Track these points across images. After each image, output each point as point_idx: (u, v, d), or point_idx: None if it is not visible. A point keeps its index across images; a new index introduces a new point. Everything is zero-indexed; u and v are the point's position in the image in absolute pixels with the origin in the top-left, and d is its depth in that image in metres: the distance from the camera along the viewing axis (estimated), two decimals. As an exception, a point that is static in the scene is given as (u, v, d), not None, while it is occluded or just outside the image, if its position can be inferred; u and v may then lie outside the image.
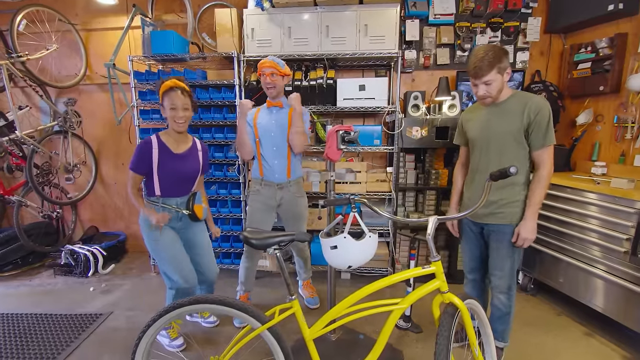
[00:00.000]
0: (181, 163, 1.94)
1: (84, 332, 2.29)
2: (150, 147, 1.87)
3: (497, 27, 2.94)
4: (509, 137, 1.67)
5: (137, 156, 1.86)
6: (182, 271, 1.95)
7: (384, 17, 2.64)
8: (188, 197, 2.00)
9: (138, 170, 1.88)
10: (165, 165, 1.88)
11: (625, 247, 2.01)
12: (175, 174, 1.92)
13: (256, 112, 2.25)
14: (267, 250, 1.33)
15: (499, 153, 1.72)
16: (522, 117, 1.64)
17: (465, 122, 1.90)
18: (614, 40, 2.48)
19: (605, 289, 2.12)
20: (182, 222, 2.03)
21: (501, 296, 1.82)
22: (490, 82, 1.62)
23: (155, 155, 1.86)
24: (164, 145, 1.90)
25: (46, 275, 3.17)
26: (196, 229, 2.09)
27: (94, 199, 3.67)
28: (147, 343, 1.39)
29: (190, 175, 1.99)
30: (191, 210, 1.98)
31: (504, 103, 1.71)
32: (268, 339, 1.35)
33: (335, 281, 2.17)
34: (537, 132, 1.63)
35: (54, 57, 3.32)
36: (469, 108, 1.95)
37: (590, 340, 2.16)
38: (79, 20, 3.35)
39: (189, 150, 1.99)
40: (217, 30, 2.85)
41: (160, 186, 1.90)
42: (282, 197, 2.28)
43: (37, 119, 3.51)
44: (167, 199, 1.94)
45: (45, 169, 3.36)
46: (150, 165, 1.86)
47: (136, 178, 1.90)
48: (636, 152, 2.40)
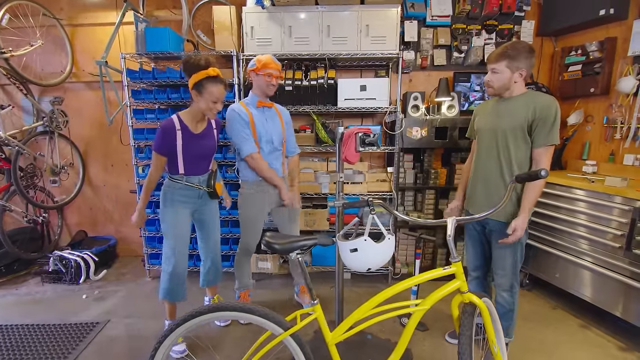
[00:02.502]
0: (201, 142, 1.97)
1: (82, 342, 2.19)
2: (174, 128, 1.86)
3: (492, 29, 3.00)
4: (513, 132, 1.69)
5: (162, 138, 1.85)
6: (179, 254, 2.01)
7: (385, 18, 2.65)
8: (209, 175, 2.06)
9: (161, 151, 1.88)
10: (188, 145, 1.91)
11: (619, 242, 2.11)
12: (196, 153, 1.95)
13: (249, 115, 2.15)
14: (289, 255, 1.31)
15: (503, 147, 1.74)
16: (527, 113, 1.65)
17: (477, 116, 1.94)
18: (604, 44, 2.59)
19: (601, 283, 2.22)
20: (202, 200, 2.08)
21: (504, 294, 1.87)
22: (497, 71, 1.66)
23: (179, 137, 1.87)
24: (185, 126, 1.90)
25: (33, 283, 3.02)
26: (211, 208, 2.16)
27: (82, 202, 3.52)
28: (164, 354, 1.34)
29: (209, 153, 2.04)
30: (213, 188, 2.05)
31: (513, 99, 1.73)
32: (291, 345, 1.34)
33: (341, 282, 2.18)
34: (541, 129, 1.64)
35: (38, 54, 3.15)
36: (482, 103, 1.99)
37: (587, 333, 2.25)
38: (64, 15, 3.19)
39: (206, 129, 2.01)
40: (215, 28, 2.78)
41: (185, 165, 1.94)
42: (277, 194, 2.27)
43: (20, 119, 3.33)
44: (190, 177, 1.98)
45: (30, 171, 3.19)
46: (174, 146, 1.88)
47: (160, 159, 1.90)
48: (625, 152, 2.51)
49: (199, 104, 1.85)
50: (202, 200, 2.08)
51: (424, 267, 3.02)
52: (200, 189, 2.02)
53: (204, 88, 1.80)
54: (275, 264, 2.98)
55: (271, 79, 2.10)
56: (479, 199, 1.87)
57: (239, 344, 2.15)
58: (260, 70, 2.10)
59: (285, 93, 2.75)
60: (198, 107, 1.87)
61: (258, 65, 2.09)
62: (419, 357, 2.03)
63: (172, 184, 1.97)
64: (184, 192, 1.98)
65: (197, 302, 2.67)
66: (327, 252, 2.95)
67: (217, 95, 1.83)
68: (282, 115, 2.31)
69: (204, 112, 1.88)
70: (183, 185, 1.97)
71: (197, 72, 1.79)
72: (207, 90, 1.81)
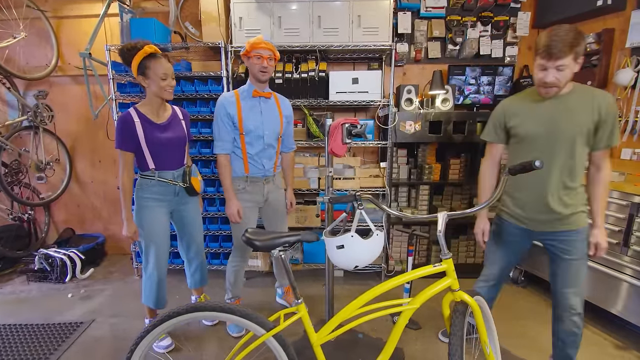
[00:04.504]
0: (166, 132, 1.86)
1: (64, 342, 2.12)
2: (131, 120, 1.76)
3: (488, 21, 2.94)
4: (579, 137, 1.45)
5: (120, 132, 1.75)
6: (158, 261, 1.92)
7: (377, 8, 2.57)
8: (184, 170, 1.95)
9: (125, 146, 1.77)
10: (152, 136, 1.80)
11: (616, 238, 2.06)
12: (164, 144, 1.84)
13: (238, 106, 1.94)
14: (271, 252, 1.25)
15: (568, 155, 1.47)
16: (591, 114, 1.42)
17: (511, 116, 1.60)
18: (602, 36, 2.52)
19: (597, 279, 2.17)
20: (179, 198, 1.96)
21: (576, 318, 1.58)
22: (564, 67, 1.35)
23: (139, 128, 1.77)
24: (145, 117, 1.80)
25: (19, 282, 2.94)
26: (192, 207, 2.04)
27: (69, 199, 3.44)
28: (141, 355, 1.28)
29: (178, 143, 1.91)
30: (188, 183, 1.93)
31: (567, 96, 1.47)
32: (273, 346, 1.27)
33: (331, 280, 2.12)
34: (604, 131, 1.43)
35: (21, 46, 3.06)
36: (512, 99, 1.65)
37: (583, 330, 2.20)
38: (49, 7, 3.09)
39: (170, 118, 1.90)
40: (202, 18, 2.70)
41: (153, 159, 1.83)
42: (268, 191, 2.11)
43: (4, 114, 3.24)
44: (162, 173, 1.87)
45: (15, 167, 3.11)
46: (137, 140, 1.77)
47: (127, 157, 1.79)
48: (623, 146, 2.46)
49: (150, 88, 1.76)
50: (179, 198, 1.96)
51: (418, 264, 2.97)
52: (176, 184, 1.91)
53: (147, 68, 1.72)
54: (266, 262, 2.91)
55: (261, 61, 1.86)
56: (538, 214, 1.59)
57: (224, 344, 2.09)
58: (250, 53, 1.87)
59: (275, 86, 2.68)
60: (151, 91, 1.77)
61: (247, 47, 1.88)
62: (410, 356, 1.98)
63: (144, 182, 1.85)
64: (158, 189, 1.86)
65: (186, 299, 2.61)
66: (320, 249, 2.89)
67: (163, 70, 1.73)
68: (282, 107, 2.08)
69: (158, 94, 1.77)
70: (156, 182, 1.85)
71: (134, 56, 1.70)
72: (150, 70, 1.72)
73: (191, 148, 2.75)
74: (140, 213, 1.86)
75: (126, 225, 1.83)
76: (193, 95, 2.71)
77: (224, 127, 1.95)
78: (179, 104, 2.71)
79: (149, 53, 1.70)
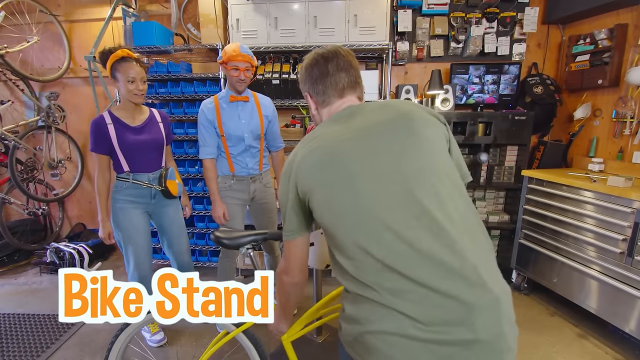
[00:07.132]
0: (141, 135, 1.87)
1: (66, 333, 2.24)
2: (104, 123, 1.79)
3: (493, 17, 2.82)
4: None
5: (93, 135, 1.79)
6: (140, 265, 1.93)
7: (374, 7, 2.53)
8: (160, 173, 1.94)
9: (98, 149, 1.81)
10: (125, 139, 1.82)
11: (620, 247, 1.94)
12: (137, 147, 1.85)
13: (217, 112, 1.97)
14: (239, 251, 1.26)
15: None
16: None
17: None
18: (614, 32, 2.37)
19: (600, 290, 2.06)
20: (157, 201, 1.95)
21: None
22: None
23: (111, 131, 1.79)
24: (118, 120, 1.82)
25: (32, 274, 3.12)
26: (170, 212, 2.02)
27: (81, 195, 3.60)
28: (120, 349, 1.34)
29: (153, 146, 1.92)
30: (164, 186, 1.91)
31: None
32: (244, 342, 1.29)
33: (321, 277, 2.12)
34: None
35: (35, 50, 3.22)
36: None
37: (584, 343, 2.10)
38: (61, 12, 3.23)
39: (147, 121, 1.92)
40: (200, 21, 2.75)
41: (127, 161, 1.84)
42: (255, 189, 2.13)
43: (22, 114, 3.42)
44: (138, 175, 1.88)
45: (30, 165, 3.28)
46: (110, 142, 1.80)
47: (101, 160, 1.84)
48: (634, 149, 2.31)
49: (120, 91, 1.80)
50: (157, 201, 1.95)
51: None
52: (151, 187, 1.90)
53: (116, 71, 1.75)
54: (261, 261, 2.94)
55: (238, 73, 1.87)
56: None
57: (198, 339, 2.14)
58: (227, 63, 1.88)
59: (272, 87, 2.69)
60: (122, 94, 1.81)
61: (224, 57, 1.88)
62: None
63: (119, 184, 1.87)
64: (132, 191, 1.87)
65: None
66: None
67: (131, 75, 1.74)
68: (263, 107, 2.09)
69: (126, 97, 1.79)
70: (130, 184, 1.86)
71: (107, 60, 1.74)
72: (119, 73, 1.74)
73: (191, 148, 2.80)
74: (116, 215, 1.87)
75: (101, 227, 1.87)
76: (192, 97, 2.76)
77: (206, 132, 1.99)
78: (178, 105, 2.80)
79: (121, 57, 1.73)
